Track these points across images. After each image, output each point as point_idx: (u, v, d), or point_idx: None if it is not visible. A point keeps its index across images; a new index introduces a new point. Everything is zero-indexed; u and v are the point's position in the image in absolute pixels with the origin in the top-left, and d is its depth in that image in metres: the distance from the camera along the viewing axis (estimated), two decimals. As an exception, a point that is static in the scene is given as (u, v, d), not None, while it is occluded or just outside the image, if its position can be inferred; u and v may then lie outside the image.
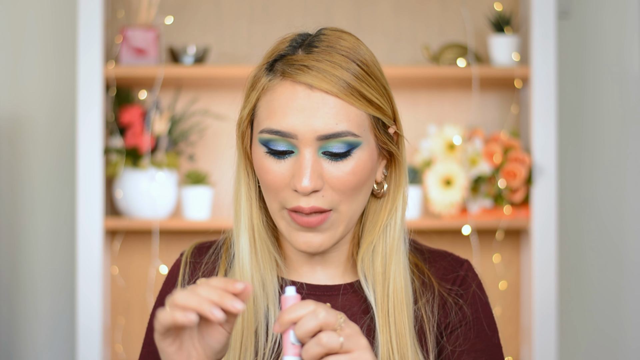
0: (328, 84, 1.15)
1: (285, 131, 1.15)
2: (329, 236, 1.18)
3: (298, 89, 1.16)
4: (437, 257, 1.29)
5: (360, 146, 1.17)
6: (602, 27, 2.92)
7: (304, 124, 1.15)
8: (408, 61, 2.87)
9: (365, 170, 1.18)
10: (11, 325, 2.87)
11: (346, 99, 1.15)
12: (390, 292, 1.21)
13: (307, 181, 1.14)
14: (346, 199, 1.18)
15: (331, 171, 1.16)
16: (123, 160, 2.68)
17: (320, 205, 1.16)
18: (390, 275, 1.22)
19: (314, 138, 1.15)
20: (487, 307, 1.27)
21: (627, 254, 2.90)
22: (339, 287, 1.25)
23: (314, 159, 1.15)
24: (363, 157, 1.18)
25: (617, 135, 2.91)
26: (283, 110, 1.16)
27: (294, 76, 1.16)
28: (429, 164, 2.73)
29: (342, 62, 1.17)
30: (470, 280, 1.27)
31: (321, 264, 1.25)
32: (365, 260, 1.23)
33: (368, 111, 1.17)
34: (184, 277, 1.28)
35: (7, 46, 2.89)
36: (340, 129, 1.15)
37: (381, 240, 1.23)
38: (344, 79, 1.16)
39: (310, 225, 1.17)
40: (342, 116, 1.15)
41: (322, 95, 1.15)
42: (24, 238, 2.88)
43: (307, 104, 1.15)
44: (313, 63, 1.16)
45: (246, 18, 2.88)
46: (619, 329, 2.89)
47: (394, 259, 1.22)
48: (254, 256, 1.23)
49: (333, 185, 1.16)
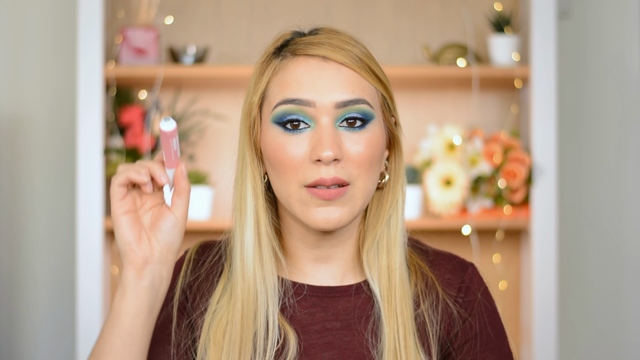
0: (342, 56, 1.18)
1: (302, 99, 1.16)
2: (347, 211, 1.18)
3: (311, 62, 1.18)
4: (441, 259, 1.29)
5: (374, 120, 1.19)
6: (602, 27, 2.92)
7: (321, 92, 1.16)
8: (408, 61, 2.87)
9: (379, 147, 1.20)
10: (11, 325, 2.88)
11: (359, 72, 1.18)
12: (395, 284, 1.22)
13: (329, 149, 1.15)
14: (363, 173, 1.18)
15: (349, 143, 1.17)
16: (123, 160, 2.68)
17: (341, 176, 1.16)
18: (395, 267, 1.23)
19: (332, 106, 1.16)
20: (495, 314, 1.27)
21: (627, 253, 2.90)
22: (341, 289, 1.25)
23: (333, 129, 1.17)
24: (377, 132, 1.19)
25: (617, 135, 2.91)
26: (298, 82, 1.17)
27: (307, 50, 1.18)
28: (429, 164, 2.73)
29: (350, 40, 1.20)
30: (476, 288, 1.27)
31: (325, 261, 1.25)
32: (371, 253, 1.23)
33: (378, 87, 1.21)
34: (185, 273, 1.28)
35: (7, 46, 2.89)
36: (356, 96, 1.17)
37: (385, 234, 1.24)
38: (355, 53, 1.19)
39: (330, 196, 1.16)
40: (357, 86, 1.18)
41: (337, 66, 1.18)
42: (24, 238, 2.88)
43: (322, 74, 1.17)
44: (324, 39, 1.19)
45: (246, 18, 2.88)
46: (619, 329, 2.89)
47: (397, 251, 1.23)
48: (258, 251, 1.22)
49: (351, 157, 1.17)
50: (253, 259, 1.22)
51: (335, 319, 1.23)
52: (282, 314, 1.23)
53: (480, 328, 1.25)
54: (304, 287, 1.24)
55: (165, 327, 1.26)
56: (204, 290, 1.27)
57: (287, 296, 1.24)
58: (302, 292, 1.24)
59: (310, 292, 1.24)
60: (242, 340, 1.20)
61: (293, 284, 1.25)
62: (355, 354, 1.21)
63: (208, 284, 1.27)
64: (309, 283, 1.25)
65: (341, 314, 1.23)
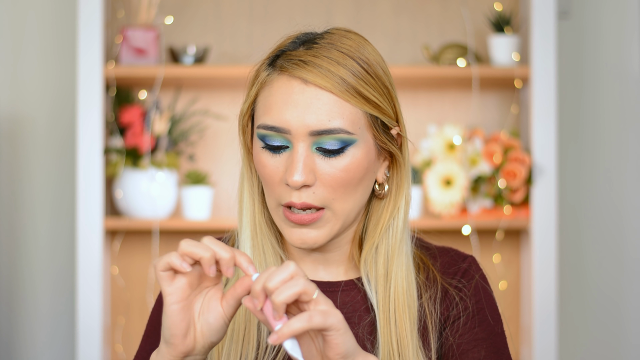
0: (322, 79, 1.15)
1: (279, 127, 1.16)
2: (324, 233, 1.18)
3: (294, 84, 1.16)
4: (442, 252, 1.30)
5: (354, 144, 1.17)
6: (602, 27, 2.92)
7: (297, 119, 1.15)
8: (408, 61, 2.87)
9: (360, 169, 1.18)
10: (11, 325, 2.87)
11: (341, 96, 1.16)
12: (392, 293, 1.21)
13: (298, 175, 1.14)
14: (339, 197, 1.17)
15: (323, 167, 1.16)
16: (123, 160, 2.68)
17: (311, 202, 1.16)
18: (392, 277, 1.22)
19: (307, 133, 1.15)
20: (490, 296, 1.27)
21: (627, 253, 2.90)
22: (341, 284, 1.25)
23: (307, 154, 1.16)
24: (358, 155, 1.17)
25: (617, 135, 2.91)
26: (278, 106, 1.16)
27: (290, 70, 1.16)
28: (429, 164, 2.73)
29: (340, 59, 1.17)
30: (473, 272, 1.28)
31: (323, 263, 1.25)
32: (368, 261, 1.22)
33: (365, 109, 1.17)
34: None
35: (7, 46, 2.89)
36: (332, 126, 1.15)
37: (383, 242, 1.23)
38: (340, 75, 1.16)
39: (302, 222, 1.17)
40: (336, 113, 1.15)
41: (316, 91, 1.15)
42: (24, 238, 2.88)
43: (301, 99, 1.15)
44: (310, 58, 1.16)
45: (246, 18, 2.88)
46: (619, 329, 2.89)
47: (395, 261, 1.22)
48: (255, 251, 1.23)
49: (325, 181, 1.16)
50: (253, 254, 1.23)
51: None
52: None
53: (475, 306, 1.25)
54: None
55: None
56: None
57: None
58: None
59: None
60: (245, 335, 1.21)
61: None
62: None
63: None
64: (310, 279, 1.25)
65: (342, 308, 1.23)
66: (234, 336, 1.21)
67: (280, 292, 1.00)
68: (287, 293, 1.00)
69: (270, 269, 1.03)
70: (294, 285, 1.01)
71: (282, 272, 1.01)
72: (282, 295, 1.00)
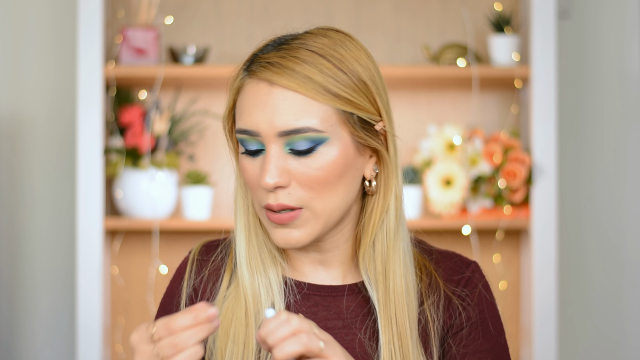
0: (287, 80, 1.15)
1: (250, 130, 1.16)
2: (305, 233, 1.18)
3: (261, 86, 1.17)
4: (444, 257, 1.29)
5: (326, 142, 1.16)
6: (602, 27, 2.92)
7: (265, 121, 1.15)
8: (408, 61, 2.87)
9: (336, 166, 1.17)
10: (11, 325, 2.87)
11: (307, 94, 1.15)
12: (391, 291, 1.21)
13: (268, 178, 1.15)
14: (317, 196, 1.17)
15: (297, 167, 1.16)
16: (123, 160, 2.68)
17: (287, 203, 1.16)
18: (390, 274, 1.21)
19: (275, 134, 1.15)
20: (494, 307, 1.27)
21: (627, 253, 2.90)
22: (344, 288, 1.24)
23: (279, 155, 1.16)
24: (332, 153, 1.16)
25: (617, 135, 2.91)
26: (249, 109, 1.17)
27: (258, 73, 1.17)
28: (429, 164, 2.73)
29: (307, 58, 1.16)
30: (477, 281, 1.27)
31: (322, 264, 1.25)
32: (367, 259, 1.22)
33: (335, 105, 1.16)
34: (190, 275, 1.28)
35: (7, 46, 2.89)
36: (299, 125, 1.15)
37: (378, 239, 1.22)
38: (306, 73, 1.15)
39: (281, 221, 1.17)
40: (302, 112, 1.15)
41: (282, 91, 1.15)
42: (24, 238, 2.88)
43: (268, 101, 1.15)
44: (277, 60, 1.17)
45: (246, 18, 2.88)
46: (619, 329, 2.89)
47: (391, 258, 1.21)
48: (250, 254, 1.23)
49: (299, 181, 1.16)
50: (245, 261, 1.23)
51: (337, 317, 1.23)
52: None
53: (478, 317, 1.25)
54: (305, 285, 1.24)
55: None
56: (210, 289, 1.27)
57: (291, 294, 1.24)
58: (302, 291, 1.24)
59: (312, 291, 1.24)
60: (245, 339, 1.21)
61: (297, 282, 1.25)
62: (356, 353, 1.21)
63: (214, 279, 1.27)
64: (311, 282, 1.25)
65: (343, 313, 1.23)
66: (235, 339, 1.21)
67: (281, 349, 1.00)
68: (287, 351, 1.00)
69: (271, 321, 1.01)
70: (295, 343, 1.00)
71: (283, 328, 1.01)
72: (282, 353, 1.00)
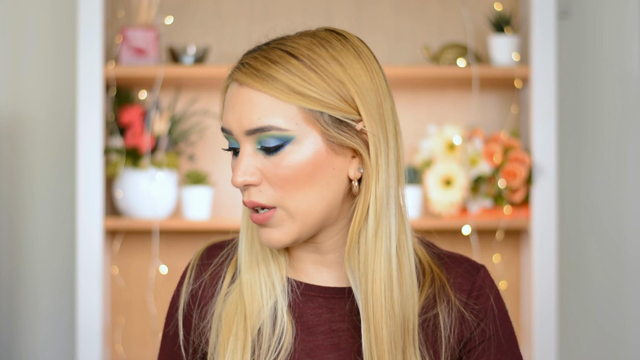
0: (252, 79, 1.16)
1: (225, 128, 1.20)
2: (284, 233, 1.18)
3: (234, 87, 1.19)
4: (454, 262, 1.27)
5: (293, 141, 1.16)
6: (602, 27, 2.92)
7: (234, 121, 1.18)
8: (408, 61, 2.87)
9: (306, 166, 1.16)
10: (11, 325, 2.88)
11: (271, 93, 1.15)
12: (370, 294, 1.18)
13: (238, 175, 1.17)
14: (287, 195, 1.16)
15: (266, 165, 1.17)
16: (123, 160, 2.68)
17: (258, 200, 1.17)
18: (369, 277, 1.19)
19: (243, 133, 1.17)
20: (506, 318, 1.27)
21: (627, 253, 2.90)
22: (349, 290, 1.24)
23: (250, 154, 1.17)
24: (301, 152, 1.16)
25: (617, 135, 2.91)
26: (225, 110, 1.21)
27: (233, 75, 1.20)
28: (429, 164, 2.73)
29: (277, 58, 1.17)
30: (488, 291, 1.26)
31: (324, 265, 1.25)
32: (352, 259, 1.20)
33: (300, 104, 1.15)
34: (189, 281, 1.29)
35: (7, 46, 2.89)
36: (262, 124, 1.16)
37: (362, 241, 1.19)
38: (271, 73, 1.16)
39: (257, 222, 1.18)
40: (267, 111, 1.16)
41: (248, 91, 1.17)
42: (24, 238, 2.88)
43: (237, 100, 1.18)
44: (248, 61, 1.18)
45: (246, 18, 2.88)
46: (619, 329, 2.90)
47: (371, 261, 1.19)
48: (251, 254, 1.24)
49: (270, 180, 1.17)
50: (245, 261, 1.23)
51: (342, 320, 1.23)
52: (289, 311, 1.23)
53: (493, 332, 1.25)
54: (310, 286, 1.24)
55: (174, 344, 1.29)
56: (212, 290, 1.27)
57: (293, 294, 1.24)
58: (307, 292, 1.24)
59: (317, 292, 1.24)
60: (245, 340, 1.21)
61: (299, 283, 1.24)
62: (361, 356, 1.21)
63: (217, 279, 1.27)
64: (315, 284, 1.25)
65: (348, 315, 1.23)
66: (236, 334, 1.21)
67: None
68: None
69: None
70: None
71: None
72: None
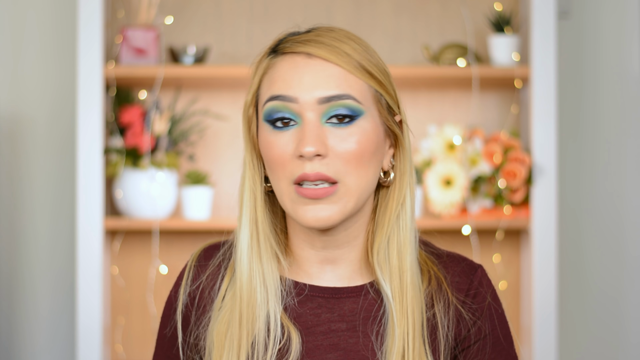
0: (327, 53, 1.17)
1: (286, 95, 1.16)
2: (338, 209, 1.17)
3: (297, 59, 1.17)
4: (451, 261, 1.28)
5: (363, 116, 1.17)
6: (602, 27, 2.92)
7: (303, 89, 1.16)
8: (408, 61, 2.87)
9: (370, 143, 1.18)
10: (11, 325, 2.88)
11: (346, 67, 1.17)
12: (407, 284, 1.20)
13: (309, 144, 1.14)
14: (352, 170, 1.17)
15: (335, 139, 1.16)
16: (123, 160, 2.68)
17: (324, 172, 1.15)
18: (406, 267, 1.21)
19: (315, 102, 1.16)
20: (503, 318, 1.27)
21: (627, 253, 2.90)
22: (348, 290, 1.24)
23: (318, 125, 1.16)
24: (367, 128, 1.18)
25: (617, 135, 2.91)
26: (283, 78, 1.17)
27: (293, 48, 1.18)
28: (429, 164, 2.73)
29: (342, 37, 1.19)
30: (485, 291, 1.26)
31: (331, 262, 1.24)
32: (381, 253, 1.21)
33: (369, 83, 1.18)
34: (186, 282, 1.28)
35: (7, 46, 2.89)
36: (341, 92, 1.16)
37: (395, 232, 1.21)
38: (344, 50, 1.17)
39: (317, 196, 1.16)
40: (343, 82, 1.16)
41: (321, 62, 1.17)
42: (24, 238, 2.88)
43: (306, 70, 1.16)
44: (312, 37, 1.18)
45: (246, 18, 2.88)
46: (619, 329, 2.90)
47: (408, 251, 1.21)
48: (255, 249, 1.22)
49: (337, 153, 1.16)
50: (250, 258, 1.22)
51: (341, 320, 1.22)
52: (285, 314, 1.22)
53: (489, 331, 1.25)
54: (306, 286, 1.24)
55: (172, 345, 1.28)
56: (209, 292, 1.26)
57: (289, 296, 1.23)
58: (303, 292, 1.23)
59: (316, 292, 1.23)
60: (241, 340, 1.20)
61: (295, 283, 1.24)
62: (360, 356, 1.21)
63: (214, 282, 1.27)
64: (315, 284, 1.24)
65: (347, 315, 1.22)
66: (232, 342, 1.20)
67: None
68: None
69: None
70: None
71: None
72: None
